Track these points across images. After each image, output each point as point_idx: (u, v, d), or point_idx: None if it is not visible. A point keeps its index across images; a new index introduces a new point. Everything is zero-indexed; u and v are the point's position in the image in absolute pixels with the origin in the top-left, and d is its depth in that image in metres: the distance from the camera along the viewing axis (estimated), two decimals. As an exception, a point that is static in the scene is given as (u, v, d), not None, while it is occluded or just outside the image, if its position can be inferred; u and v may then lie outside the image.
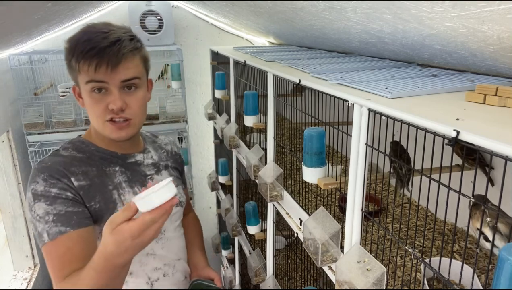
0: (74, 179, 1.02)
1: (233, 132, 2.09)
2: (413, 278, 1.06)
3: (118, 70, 0.99)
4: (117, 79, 1.00)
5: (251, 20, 2.34)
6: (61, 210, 0.96)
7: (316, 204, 1.40)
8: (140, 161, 1.19)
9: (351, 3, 1.07)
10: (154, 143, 1.30)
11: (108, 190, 1.07)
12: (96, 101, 1.02)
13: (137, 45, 1.06)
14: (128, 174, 1.13)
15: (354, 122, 0.95)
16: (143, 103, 1.09)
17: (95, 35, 0.98)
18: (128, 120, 1.05)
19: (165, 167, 1.26)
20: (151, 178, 1.19)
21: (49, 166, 1.01)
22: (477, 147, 0.63)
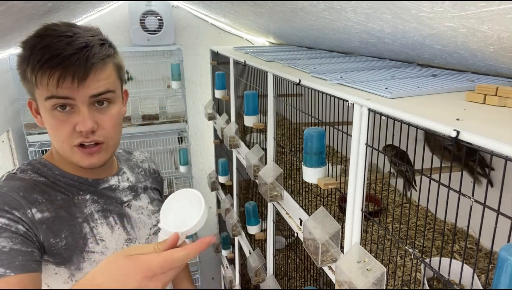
0: (36, 210, 0.83)
1: (233, 132, 2.09)
2: (413, 278, 1.06)
3: (87, 83, 0.80)
4: (85, 94, 0.81)
5: (251, 20, 2.34)
6: (4, 246, 0.75)
7: (316, 204, 1.40)
8: (115, 185, 0.99)
9: (351, 3, 1.07)
10: (129, 161, 1.11)
11: (76, 223, 0.88)
12: (59, 121, 0.82)
13: (110, 51, 0.86)
14: (102, 202, 0.95)
15: (354, 122, 0.95)
16: (117, 121, 0.89)
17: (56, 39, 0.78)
18: (100, 143, 0.86)
19: (143, 190, 1.08)
20: (128, 205, 1.01)
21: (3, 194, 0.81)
22: (477, 147, 0.63)
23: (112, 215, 0.96)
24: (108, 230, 0.94)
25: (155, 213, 1.07)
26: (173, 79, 2.84)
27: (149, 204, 1.07)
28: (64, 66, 0.77)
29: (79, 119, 0.82)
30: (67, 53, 0.77)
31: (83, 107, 0.82)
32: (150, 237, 1.04)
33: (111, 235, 0.94)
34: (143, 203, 1.05)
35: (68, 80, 0.78)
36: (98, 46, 0.82)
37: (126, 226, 0.98)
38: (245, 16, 2.27)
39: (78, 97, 0.81)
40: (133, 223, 1.00)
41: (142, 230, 1.03)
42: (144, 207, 1.05)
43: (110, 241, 0.93)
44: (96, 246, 0.90)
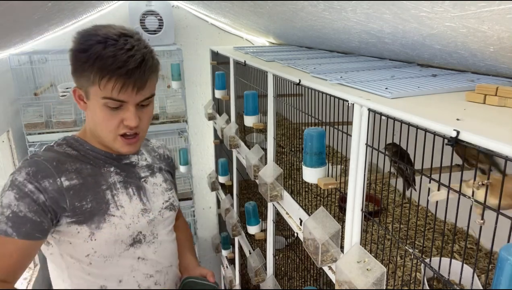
0: (65, 178, 0.98)
1: (233, 132, 2.09)
2: (413, 278, 1.06)
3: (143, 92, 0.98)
4: (138, 99, 0.98)
5: (251, 20, 2.34)
6: (21, 211, 0.91)
7: (316, 204, 1.40)
8: (135, 162, 1.15)
9: (351, 3, 1.07)
10: (146, 146, 1.26)
11: (101, 190, 1.03)
12: (110, 116, 0.98)
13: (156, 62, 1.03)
14: (123, 175, 1.10)
15: (354, 122, 0.95)
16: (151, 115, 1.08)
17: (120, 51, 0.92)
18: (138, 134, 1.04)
19: (159, 170, 1.22)
20: (145, 181, 1.15)
21: (39, 162, 0.97)
22: (477, 147, 0.63)
23: (131, 187, 1.10)
24: (127, 198, 1.08)
25: (168, 191, 1.20)
26: (173, 79, 2.84)
27: (163, 183, 1.20)
28: (128, 77, 0.93)
29: (128, 116, 0.98)
30: (130, 67, 0.92)
31: (132, 108, 0.98)
32: (162, 211, 1.16)
33: (129, 203, 1.08)
34: (158, 181, 1.19)
35: (129, 89, 0.94)
36: (151, 59, 0.99)
37: (142, 198, 1.12)
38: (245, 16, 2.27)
39: (131, 101, 0.97)
40: (148, 196, 1.14)
41: (156, 203, 1.15)
42: (158, 184, 1.18)
43: (128, 208, 1.07)
44: (116, 211, 1.04)
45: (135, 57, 0.93)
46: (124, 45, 0.94)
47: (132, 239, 1.07)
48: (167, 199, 1.19)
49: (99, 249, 1.03)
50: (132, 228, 1.06)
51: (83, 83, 0.97)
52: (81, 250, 1.02)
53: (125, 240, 1.06)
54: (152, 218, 1.12)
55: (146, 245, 1.11)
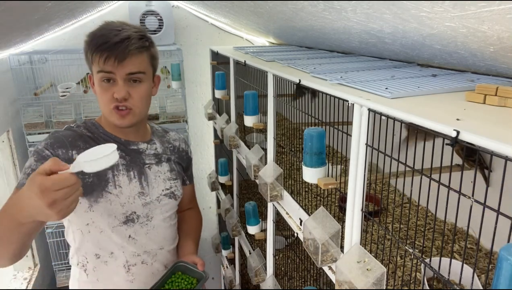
0: (75, 152, 1.14)
1: (233, 132, 2.09)
2: (413, 278, 1.06)
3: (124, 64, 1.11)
4: (122, 71, 1.11)
5: (251, 20, 2.34)
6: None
7: (316, 204, 1.40)
8: (142, 149, 1.27)
9: (351, 3, 1.07)
10: (162, 137, 1.37)
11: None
12: (104, 89, 1.13)
13: (145, 44, 1.16)
14: (128, 159, 1.22)
15: (354, 122, 0.95)
16: (145, 95, 1.18)
17: (109, 31, 1.10)
18: (130, 109, 1.16)
19: (167, 160, 1.32)
20: (149, 167, 1.26)
21: (58, 136, 1.16)
22: (477, 147, 0.63)
23: (133, 170, 1.23)
24: (127, 180, 1.21)
25: (171, 180, 1.31)
26: (173, 79, 2.84)
27: (168, 172, 1.31)
28: (110, 50, 1.08)
29: (116, 89, 1.13)
30: (113, 41, 1.08)
31: (120, 81, 1.13)
32: (161, 197, 1.27)
33: (128, 185, 1.20)
34: (162, 169, 1.30)
35: (111, 60, 1.09)
36: (137, 39, 1.12)
37: (142, 182, 1.24)
38: (245, 16, 2.27)
39: (118, 73, 1.11)
40: (149, 181, 1.25)
41: (155, 189, 1.26)
42: (162, 173, 1.29)
43: (125, 189, 1.20)
44: (114, 189, 1.18)
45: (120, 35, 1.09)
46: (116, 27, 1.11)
47: (126, 217, 1.20)
48: (169, 187, 1.29)
49: (96, 220, 1.17)
50: (126, 207, 1.19)
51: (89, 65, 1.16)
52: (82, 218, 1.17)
53: (118, 216, 1.18)
54: (148, 202, 1.23)
55: (139, 225, 1.23)
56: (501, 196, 0.63)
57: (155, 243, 1.28)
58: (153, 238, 1.27)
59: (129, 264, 1.24)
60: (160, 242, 1.29)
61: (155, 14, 2.82)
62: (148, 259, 1.27)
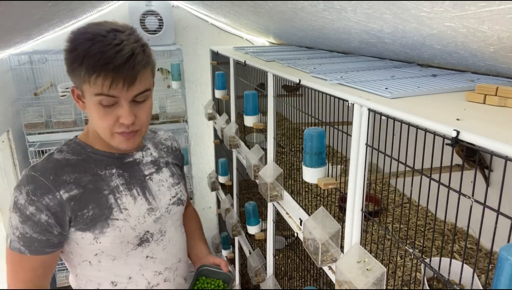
0: (64, 191, 0.98)
1: (233, 132, 2.09)
2: (413, 278, 1.06)
3: (133, 86, 0.94)
4: (130, 95, 0.95)
5: (251, 20, 2.34)
6: (27, 232, 0.96)
7: (316, 204, 1.40)
8: (139, 159, 1.13)
9: (351, 3, 1.07)
10: (153, 139, 1.23)
11: (103, 195, 1.03)
12: (105, 113, 0.96)
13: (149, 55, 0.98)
14: (126, 176, 1.09)
15: (354, 122, 0.95)
16: (150, 112, 1.05)
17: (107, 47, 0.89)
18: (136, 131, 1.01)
19: (165, 164, 1.20)
20: (150, 178, 1.13)
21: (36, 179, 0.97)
22: (477, 147, 0.63)
23: (135, 188, 1.09)
24: (132, 200, 1.08)
25: (174, 186, 1.19)
26: (173, 79, 2.84)
27: (170, 177, 1.19)
28: (116, 73, 0.90)
29: (122, 113, 0.96)
30: (118, 62, 0.89)
31: (125, 104, 0.95)
32: (170, 207, 1.16)
33: (134, 205, 1.07)
34: (164, 176, 1.18)
35: (119, 84, 0.91)
36: (142, 53, 0.94)
37: (148, 197, 1.11)
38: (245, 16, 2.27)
39: (123, 96, 0.94)
40: (154, 194, 1.13)
41: (163, 200, 1.15)
42: (164, 180, 1.17)
43: (133, 210, 1.07)
44: (120, 214, 1.04)
45: (122, 52, 0.90)
46: (112, 40, 0.90)
47: (139, 239, 1.08)
48: (174, 194, 1.18)
49: (106, 250, 1.05)
50: (139, 228, 1.07)
51: (77, 81, 0.96)
52: (88, 251, 1.05)
53: (131, 241, 1.07)
54: (158, 216, 1.12)
55: (155, 243, 1.12)
56: (501, 196, 0.63)
57: (174, 256, 1.19)
58: (171, 251, 1.17)
59: (152, 285, 1.13)
60: (178, 254, 1.20)
61: (155, 14, 2.82)
62: (170, 275, 1.18)
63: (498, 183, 1.15)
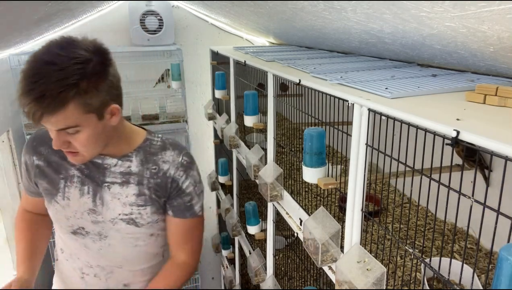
0: (36, 158, 1.13)
1: (233, 132, 2.09)
2: (413, 278, 1.06)
3: (47, 122, 0.92)
4: (51, 127, 0.95)
5: (251, 20, 2.34)
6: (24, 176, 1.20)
7: (316, 204, 1.40)
8: (107, 165, 1.10)
9: (351, 3, 1.07)
10: (151, 155, 1.13)
11: (58, 177, 1.12)
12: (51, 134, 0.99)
13: (72, 94, 0.89)
14: (86, 172, 1.10)
15: (354, 122, 0.95)
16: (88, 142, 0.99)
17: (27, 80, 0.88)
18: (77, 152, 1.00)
19: (138, 183, 1.11)
20: (108, 186, 1.10)
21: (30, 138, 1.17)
22: (477, 147, 0.63)
23: (88, 185, 1.12)
24: (78, 194, 1.12)
25: (133, 206, 1.12)
26: (173, 79, 2.84)
27: (134, 196, 1.11)
28: (26, 107, 0.88)
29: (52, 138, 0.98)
30: (28, 99, 0.87)
31: (52, 133, 0.97)
32: (116, 220, 1.13)
33: (78, 199, 1.11)
34: (125, 192, 1.11)
35: (30, 117, 0.90)
36: (57, 93, 0.87)
37: (97, 200, 1.12)
38: (245, 16, 2.27)
39: (47, 126, 0.96)
40: (104, 200, 1.12)
41: (110, 211, 1.12)
42: (123, 195, 1.11)
43: (74, 202, 1.12)
44: (62, 201, 1.12)
45: (33, 92, 0.87)
46: (33, 74, 0.88)
47: (72, 229, 1.14)
48: (127, 213, 1.11)
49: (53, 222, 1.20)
50: (72, 221, 1.13)
51: None
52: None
53: (64, 226, 1.15)
54: (99, 221, 1.12)
55: (90, 239, 1.15)
56: (501, 196, 0.63)
57: (110, 261, 1.16)
58: (108, 255, 1.15)
59: (83, 272, 1.18)
60: (119, 261, 1.16)
61: (155, 14, 2.82)
62: (102, 274, 1.17)
63: (498, 183, 1.15)
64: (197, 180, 1.17)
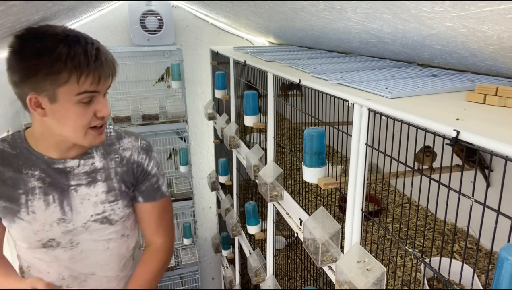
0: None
1: (233, 132, 2.09)
2: (413, 278, 1.06)
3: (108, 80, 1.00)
4: (106, 87, 1.00)
5: (251, 20, 2.34)
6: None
7: (316, 204, 1.40)
8: (70, 168, 1.08)
9: (351, 3, 1.07)
10: (109, 146, 1.14)
11: (16, 193, 1.04)
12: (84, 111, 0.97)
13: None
14: (48, 180, 1.06)
15: (354, 122, 0.95)
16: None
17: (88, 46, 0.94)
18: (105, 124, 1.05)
19: (105, 178, 1.11)
20: (75, 189, 1.08)
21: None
22: (477, 147, 0.63)
23: (52, 194, 1.07)
24: (43, 205, 1.06)
25: (105, 203, 1.11)
26: (173, 79, 2.84)
27: (103, 193, 1.11)
28: (100, 69, 0.95)
29: (100, 107, 0.99)
30: (102, 58, 0.96)
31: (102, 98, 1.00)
32: (88, 223, 1.10)
33: (44, 211, 1.06)
34: (94, 191, 1.10)
35: (102, 79, 0.97)
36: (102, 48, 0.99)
37: (65, 207, 1.08)
38: (245, 16, 2.27)
39: (102, 90, 0.99)
40: (73, 206, 1.08)
41: (81, 214, 1.09)
42: (93, 195, 1.10)
43: (40, 215, 1.06)
44: (26, 216, 1.05)
45: (100, 50, 0.97)
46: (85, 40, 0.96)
47: (42, 243, 1.08)
48: (100, 211, 1.11)
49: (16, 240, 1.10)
50: (41, 234, 1.06)
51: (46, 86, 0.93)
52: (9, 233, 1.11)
53: (33, 242, 1.07)
54: (71, 229, 1.08)
55: (62, 250, 1.10)
56: (501, 196, 0.63)
57: (84, 268, 1.14)
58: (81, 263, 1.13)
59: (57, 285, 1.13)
60: (92, 267, 1.15)
61: (155, 14, 2.82)
62: (75, 283, 1.15)
63: (498, 183, 1.15)
64: (158, 161, 1.21)
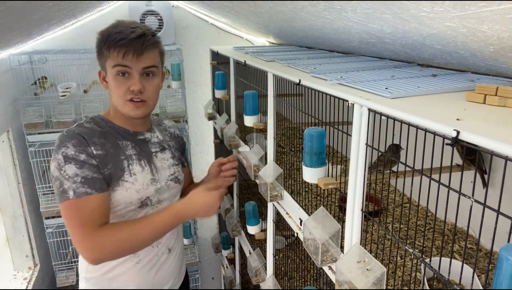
0: (94, 148, 1.19)
1: (233, 132, 2.09)
2: (413, 278, 1.06)
3: (141, 58, 1.19)
4: (139, 66, 1.20)
5: (251, 20, 2.34)
6: (88, 175, 1.14)
7: (316, 204, 1.40)
8: (148, 138, 1.36)
9: (351, 3, 1.07)
10: (159, 126, 1.47)
11: (120, 159, 1.24)
12: (120, 83, 1.21)
13: (158, 40, 1.27)
14: (138, 149, 1.30)
15: (354, 122, 0.95)
16: (157, 89, 1.29)
17: (125, 28, 1.18)
18: (144, 101, 1.24)
19: (168, 147, 1.42)
20: (155, 155, 1.35)
21: (76, 135, 1.18)
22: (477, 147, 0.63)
23: (143, 159, 1.31)
24: (140, 169, 1.28)
25: (174, 166, 1.41)
26: (173, 79, 2.84)
27: (171, 158, 1.41)
28: (129, 45, 1.17)
29: (132, 82, 1.21)
30: (131, 37, 1.17)
31: (136, 75, 1.21)
32: (168, 182, 1.37)
33: (141, 173, 1.28)
34: (166, 156, 1.39)
35: (130, 54, 1.18)
36: (151, 36, 1.23)
37: (153, 169, 1.32)
38: (245, 16, 2.27)
39: (134, 67, 1.20)
40: (157, 168, 1.34)
41: (163, 175, 1.35)
42: (166, 159, 1.39)
43: (139, 176, 1.27)
44: (130, 178, 1.25)
45: (135, 31, 1.18)
46: (130, 25, 1.20)
47: (141, 202, 1.27)
48: (173, 172, 1.39)
49: (114, 207, 1.23)
50: (142, 193, 1.26)
51: (102, 62, 1.24)
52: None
53: (134, 201, 1.25)
54: (159, 187, 1.32)
55: (151, 208, 1.31)
56: (501, 196, 0.63)
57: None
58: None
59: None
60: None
61: (155, 14, 2.82)
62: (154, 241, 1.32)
63: (498, 183, 1.15)
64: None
